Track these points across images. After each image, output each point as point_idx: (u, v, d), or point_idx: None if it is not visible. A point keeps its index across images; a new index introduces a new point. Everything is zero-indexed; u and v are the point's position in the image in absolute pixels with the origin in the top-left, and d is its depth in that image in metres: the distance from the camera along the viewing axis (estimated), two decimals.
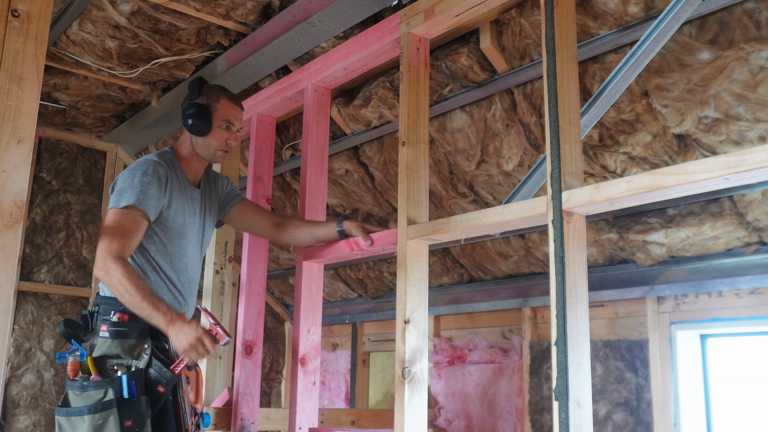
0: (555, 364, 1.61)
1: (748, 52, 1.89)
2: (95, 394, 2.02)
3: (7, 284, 1.66)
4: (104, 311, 2.15)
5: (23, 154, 1.71)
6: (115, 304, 2.15)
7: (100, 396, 2.02)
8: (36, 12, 1.78)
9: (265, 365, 4.59)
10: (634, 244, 2.66)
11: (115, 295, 2.09)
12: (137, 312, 2.06)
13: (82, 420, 2.00)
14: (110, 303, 2.16)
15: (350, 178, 3.38)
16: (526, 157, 2.65)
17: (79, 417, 2.00)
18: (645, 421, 2.65)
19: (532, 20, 2.22)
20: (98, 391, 2.02)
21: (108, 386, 2.02)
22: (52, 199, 4.12)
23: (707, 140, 2.17)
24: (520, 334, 3.22)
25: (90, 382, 2.03)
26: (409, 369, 2.05)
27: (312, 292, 2.57)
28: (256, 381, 2.81)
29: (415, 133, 2.19)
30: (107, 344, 2.09)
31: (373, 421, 3.33)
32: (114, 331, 2.09)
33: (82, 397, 2.03)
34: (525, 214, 1.78)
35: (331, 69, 2.58)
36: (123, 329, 2.10)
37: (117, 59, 3.12)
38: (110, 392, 2.02)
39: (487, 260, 3.26)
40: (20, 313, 3.93)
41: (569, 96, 1.74)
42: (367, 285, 4.00)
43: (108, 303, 2.16)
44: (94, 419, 1.99)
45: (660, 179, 1.48)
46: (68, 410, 2.02)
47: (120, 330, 2.10)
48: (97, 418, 1.99)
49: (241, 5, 2.64)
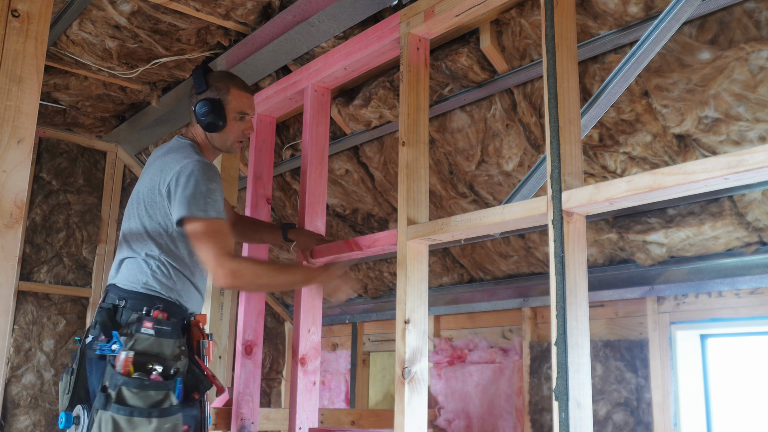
0: (555, 364, 1.61)
1: (748, 52, 1.89)
2: (155, 395, 1.93)
3: (7, 284, 1.66)
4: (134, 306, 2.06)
5: (23, 154, 1.71)
6: (148, 300, 2.07)
7: (160, 398, 1.93)
8: (36, 12, 1.78)
9: (265, 365, 4.59)
10: (634, 244, 2.66)
11: (255, 291, 2.08)
12: (286, 288, 2.01)
13: (148, 422, 1.91)
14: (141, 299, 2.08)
15: (350, 178, 3.38)
16: (526, 157, 2.65)
17: (145, 419, 1.91)
18: (645, 421, 2.65)
19: (532, 20, 2.22)
20: (158, 393, 1.93)
21: (169, 389, 1.95)
22: (52, 199, 4.12)
23: (707, 140, 2.17)
24: (520, 334, 3.22)
25: (151, 382, 1.94)
26: (409, 369, 2.05)
27: (312, 292, 2.57)
28: (256, 381, 2.81)
29: (415, 133, 2.19)
30: (150, 342, 2.00)
31: (373, 421, 3.33)
32: (159, 329, 2.02)
33: (140, 397, 1.92)
34: (525, 214, 1.78)
35: (331, 69, 2.58)
36: (166, 328, 2.03)
37: (117, 59, 3.12)
38: (172, 396, 1.95)
39: (487, 260, 3.26)
40: (20, 313, 3.93)
41: (569, 96, 1.74)
42: (367, 285, 4.00)
43: (138, 298, 2.08)
44: (163, 423, 1.92)
45: (660, 179, 1.48)
46: (131, 409, 1.91)
47: (164, 329, 2.03)
48: (164, 422, 1.92)
49: (241, 5, 2.64)
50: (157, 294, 2.11)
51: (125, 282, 2.12)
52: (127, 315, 2.06)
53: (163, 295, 2.11)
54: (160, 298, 2.10)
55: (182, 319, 2.14)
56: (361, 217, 3.59)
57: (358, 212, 3.58)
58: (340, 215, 3.66)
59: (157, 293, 2.11)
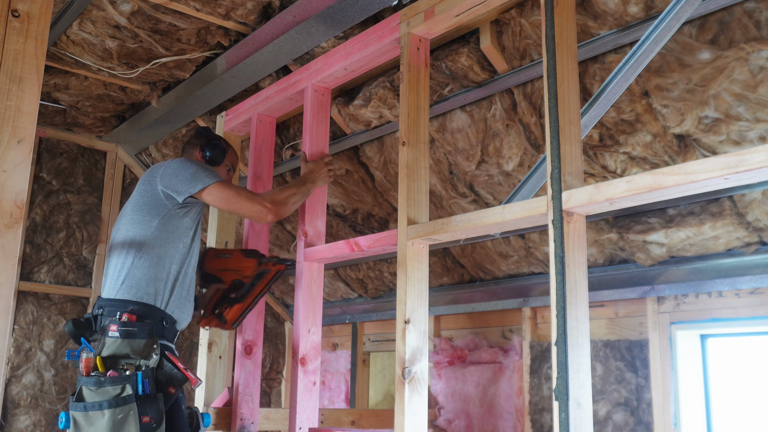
0: (555, 364, 1.61)
1: (748, 52, 1.89)
2: (112, 390, 2.03)
3: (7, 284, 1.66)
4: (109, 312, 2.18)
5: (23, 154, 1.71)
6: (121, 305, 2.18)
7: (117, 392, 2.03)
8: (36, 12, 1.78)
9: (265, 365, 4.59)
10: (634, 244, 2.66)
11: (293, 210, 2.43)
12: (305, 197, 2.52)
13: (101, 414, 2.00)
14: (115, 305, 2.18)
15: (350, 178, 3.38)
16: (526, 157, 2.65)
17: (98, 411, 2.01)
18: (645, 421, 2.65)
19: (532, 20, 2.22)
20: (115, 387, 2.03)
21: (125, 382, 2.04)
22: (52, 199, 4.12)
23: (707, 140, 2.17)
24: (520, 334, 3.22)
25: (107, 378, 2.04)
26: (409, 369, 2.05)
27: (312, 292, 2.57)
28: (256, 381, 2.81)
29: (415, 133, 2.19)
30: (117, 344, 2.10)
31: (373, 421, 3.33)
32: (124, 330, 2.11)
33: (98, 393, 2.03)
34: (525, 214, 1.78)
35: (331, 69, 2.58)
36: (132, 329, 2.13)
37: (117, 59, 3.12)
38: (128, 388, 2.03)
39: (487, 260, 3.26)
40: (20, 313, 3.93)
41: (569, 96, 1.74)
42: (367, 285, 4.00)
43: (113, 305, 2.19)
44: (114, 413, 2.00)
45: (660, 179, 1.48)
46: (85, 404, 2.02)
47: (129, 330, 2.12)
48: (118, 413, 2.00)
49: (241, 5, 2.64)
50: (128, 299, 2.21)
51: (106, 292, 2.26)
52: (103, 321, 2.18)
53: (135, 299, 2.22)
54: (133, 302, 2.21)
55: (160, 320, 2.22)
56: (361, 217, 3.59)
57: (358, 212, 3.58)
58: (340, 215, 3.66)
59: (129, 298, 2.21)
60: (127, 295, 2.21)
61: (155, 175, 2.36)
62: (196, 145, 2.63)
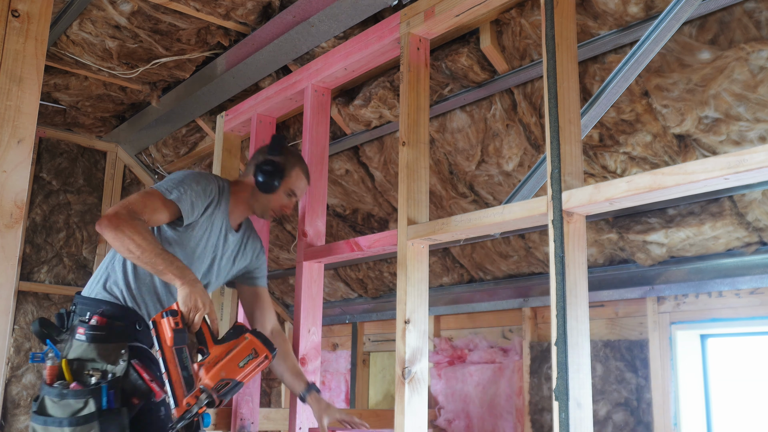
0: (555, 364, 1.61)
1: (748, 52, 1.89)
2: (74, 404, 1.91)
3: (7, 284, 1.66)
4: (80, 311, 2.06)
5: (23, 154, 1.71)
6: (93, 305, 2.07)
7: (79, 406, 1.91)
8: (36, 12, 1.78)
9: None
10: (634, 244, 2.66)
11: (123, 253, 1.96)
12: (149, 268, 1.94)
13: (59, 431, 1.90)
14: (87, 304, 2.08)
15: (350, 178, 3.38)
16: (526, 157, 2.65)
17: (58, 428, 1.90)
18: (645, 421, 2.65)
19: (532, 20, 2.22)
20: (78, 401, 1.91)
21: (88, 396, 1.91)
22: (52, 199, 4.12)
23: (707, 140, 2.17)
24: (520, 334, 3.22)
25: (69, 391, 1.92)
26: (409, 369, 2.05)
27: (312, 292, 2.57)
28: (256, 381, 2.81)
29: (415, 133, 2.19)
30: (83, 348, 1.99)
31: (373, 421, 3.33)
32: (91, 334, 2.00)
33: (59, 405, 1.92)
34: (525, 214, 1.78)
35: (331, 69, 2.58)
36: (101, 333, 2.01)
37: (117, 59, 3.12)
38: (91, 403, 1.91)
39: (487, 260, 3.26)
40: (20, 313, 3.93)
41: (569, 96, 1.74)
42: (367, 285, 4.00)
43: (85, 303, 2.09)
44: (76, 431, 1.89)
45: (660, 179, 1.48)
46: (46, 419, 1.92)
47: (97, 334, 2.00)
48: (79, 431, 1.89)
49: (241, 5, 2.64)
50: (102, 298, 2.10)
51: (85, 289, 2.15)
52: (73, 320, 2.07)
53: (111, 299, 2.10)
54: (106, 302, 2.09)
55: (133, 323, 2.09)
56: (361, 217, 3.59)
57: (358, 212, 3.58)
58: (340, 215, 3.66)
59: (102, 298, 2.10)
60: (101, 295, 2.10)
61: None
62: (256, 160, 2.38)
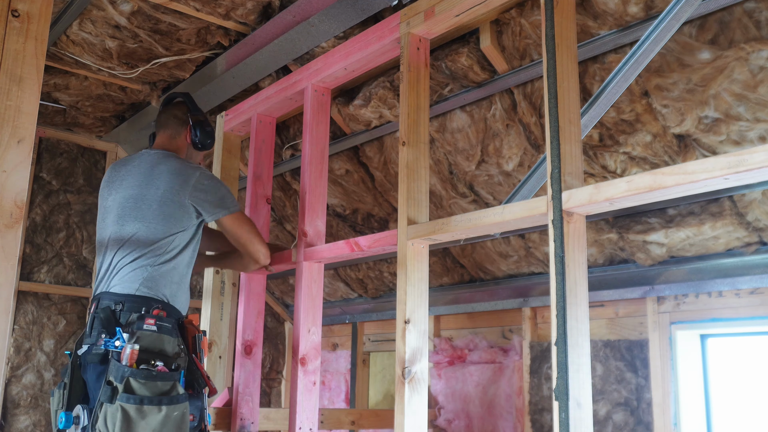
0: (555, 364, 1.61)
1: (748, 52, 1.89)
2: (162, 386, 1.99)
3: (7, 284, 1.66)
4: (132, 308, 2.14)
5: (23, 154, 1.71)
6: (147, 302, 2.16)
7: (167, 388, 2.00)
8: (36, 12, 1.78)
9: (265, 365, 4.59)
10: (634, 244, 2.66)
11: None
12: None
13: (157, 410, 1.96)
14: (139, 301, 2.16)
15: (350, 178, 3.38)
16: (526, 157, 2.65)
17: (155, 407, 1.96)
18: (645, 421, 2.65)
19: (532, 20, 2.22)
20: (165, 383, 2.00)
21: (175, 379, 2.02)
22: (52, 199, 4.12)
23: (707, 140, 2.17)
24: (520, 334, 3.22)
25: (158, 373, 2.00)
26: (409, 369, 2.05)
27: (312, 292, 2.57)
28: (256, 381, 2.81)
29: (415, 133, 2.19)
30: (152, 338, 2.07)
31: (373, 421, 3.33)
32: (161, 325, 2.09)
33: (147, 387, 1.98)
34: (525, 214, 1.78)
35: (331, 69, 2.58)
36: (167, 325, 2.12)
37: (117, 59, 3.12)
38: (178, 386, 2.02)
39: (487, 260, 3.26)
40: (20, 313, 3.93)
41: (569, 96, 1.74)
42: (367, 285, 4.00)
43: (136, 301, 2.16)
44: (171, 410, 1.97)
45: (660, 179, 1.48)
46: (141, 398, 1.97)
47: (165, 325, 2.11)
48: (173, 410, 1.98)
49: (241, 5, 2.64)
50: (152, 296, 2.20)
51: (121, 287, 2.20)
52: (126, 316, 2.13)
53: (158, 297, 2.21)
54: (155, 299, 2.20)
55: (177, 319, 2.23)
56: (361, 217, 3.59)
57: (358, 212, 3.58)
58: (340, 215, 3.66)
59: (152, 296, 2.20)
60: (150, 293, 2.19)
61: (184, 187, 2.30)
62: (183, 122, 2.53)
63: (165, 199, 2.29)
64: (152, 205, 2.29)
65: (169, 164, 2.35)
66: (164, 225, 2.27)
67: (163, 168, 2.34)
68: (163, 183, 2.31)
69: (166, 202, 2.28)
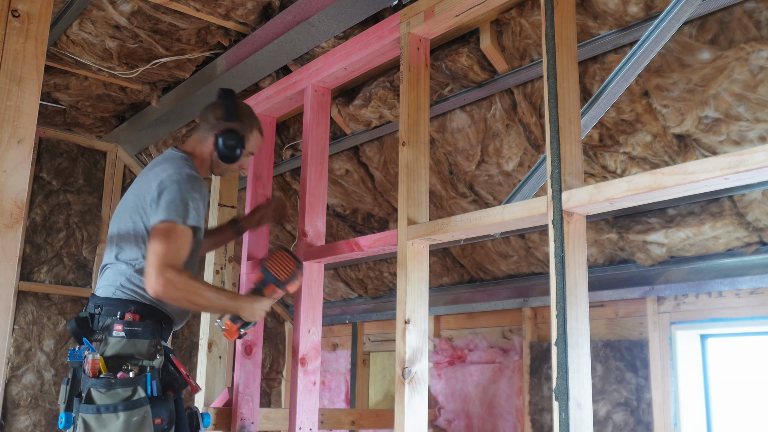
0: (555, 364, 1.61)
1: (748, 52, 1.89)
2: (123, 392, 1.99)
3: (7, 284, 1.66)
4: (109, 312, 2.12)
5: (23, 154, 1.71)
6: (122, 305, 2.13)
7: (128, 394, 1.99)
8: (36, 12, 1.78)
9: (265, 365, 4.59)
10: (634, 244, 2.66)
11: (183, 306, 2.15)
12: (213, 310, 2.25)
13: (115, 417, 1.96)
14: (115, 304, 2.14)
15: (350, 178, 3.38)
16: (526, 157, 2.65)
17: (112, 414, 1.96)
18: (645, 421, 2.65)
19: (532, 20, 2.22)
20: (126, 389, 1.99)
21: (136, 384, 2.00)
22: (52, 199, 4.12)
23: (707, 140, 2.17)
24: (520, 334, 3.22)
25: (117, 380, 2.00)
26: (409, 369, 2.05)
27: (312, 292, 2.57)
28: (256, 381, 2.81)
29: (415, 133, 2.19)
30: (122, 344, 2.06)
31: (373, 421, 3.33)
32: (129, 330, 2.07)
33: (108, 395, 1.99)
34: (525, 214, 1.78)
35: (331, 69, 2.58)
36: (138, 329, 2.09)
37: (117, 59, 3.12)
38: (140, 390, 2.00)
39: (487, 260, 3.26)
40: (20, 313, 3.93)
41: (569, 96, 1.74)
42: (367, 285, 4.00)
43: (112, 304, 2.14)
44: (130, 416, 1.96)
45: (660, 179, 1.48)
46: (98, 407, 1.97)
47: (135, 330, 2.08)
48: (133, 415, 1.97)
49: (241, 5, 2.64)
50: (130, 298, 2.15)
51: (102, 290, 2.19)
52: (102, 321, 2.13)
53: (137, 299, 2.15)
54: (134, 302, 2.15)
55: (159, 321, 2.17)
56: (361, 217, 3.59)
57: (358, 212, 3.58)
58: (340, 215, 3.66)
59: (131, 297, 2.15)
60: (126, 296, 2.15)
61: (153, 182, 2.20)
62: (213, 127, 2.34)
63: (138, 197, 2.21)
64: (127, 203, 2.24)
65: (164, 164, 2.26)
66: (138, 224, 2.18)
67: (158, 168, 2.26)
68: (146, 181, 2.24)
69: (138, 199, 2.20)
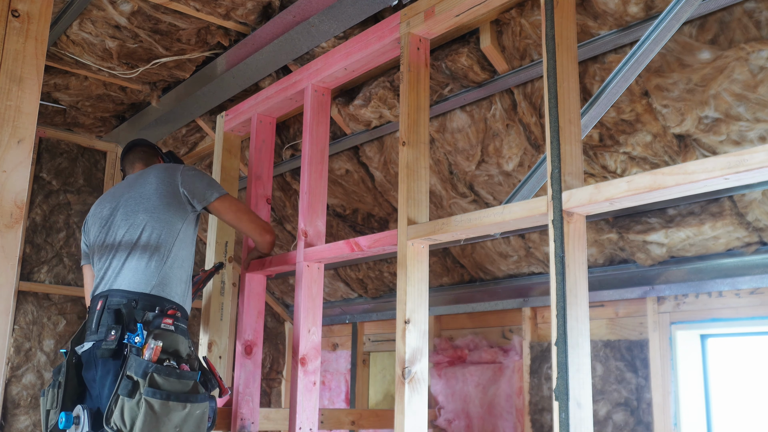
0: (555, 364, 1.61)
1: (748, 52, 1.89)
2: (184, 384, 2.02)
3: (7, 284, 1.66)
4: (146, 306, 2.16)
5: (23, 154, 1.71)
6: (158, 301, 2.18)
7: (189, 386, 2.02)
8: (36, 12, 1.78)
9: (265, 365, 4.59)
10: (634, 244, 2.66)
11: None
12: None
13: (182, 407, 1.98)
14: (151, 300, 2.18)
15: (350, 178, 3.38)
16: (526, 157, 2.65)
17: (180, 403, 1.98)
18: (645, 421, 2.65)
19: (532, 20, 2.22)
20: (187, 382, 2.02)
21: (195, 379, 2.04)
22: (52, 199, 4.12)
23: (707, 140, 2.17)
24: (520, 334, 3.22)
25: (182, 372, 2.02)
26: (410, 369, 2.05)
27: (312, 292, 2.57)
28: (256, 381, 2.81)
29: (415, 133, 2.19)
30: (171, 338, 2.08)
31: (373, 421, 3.33)
32: (177, 325, 2.12)
33: (170, 383, 1.99)
34: (525, 214, 1.78)
35: (331, 69, 2.58)
36: (183, 325, 2.14)
37: (117, 59, 3.12)
38: (200, 386, 2.04)
39: (487, 260, 3.26)
40: (20, 313, 3.93)
41: (569, 96, 1.74)
42: (367, 285, 4.00)
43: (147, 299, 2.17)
44: (194, 408, 1.99)
45: (660, 179, 1.48)
46: (167, 393, 1.97)
47: (181, 326, 2.14)
48: (196, 408, 2.00)
49: (241, 5, 2.64)
50: (164, 296, 2.23)
51: (132, 286, 2.21)
52: (140, 314, 2.14)
53: (170, 298, 2.24)
54: (168, 300, 2.23)
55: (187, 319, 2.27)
56: (361, 217, 3.59)
57: (358, 212, 3.58)
58: (340, 215, 3.66)
59: (165, 296, 2.23)
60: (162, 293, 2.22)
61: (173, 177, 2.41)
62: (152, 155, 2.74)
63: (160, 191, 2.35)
64: (152, 198, 2.35)
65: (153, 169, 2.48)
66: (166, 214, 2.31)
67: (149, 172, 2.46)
68: (153, 179, 2.40)
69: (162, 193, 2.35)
